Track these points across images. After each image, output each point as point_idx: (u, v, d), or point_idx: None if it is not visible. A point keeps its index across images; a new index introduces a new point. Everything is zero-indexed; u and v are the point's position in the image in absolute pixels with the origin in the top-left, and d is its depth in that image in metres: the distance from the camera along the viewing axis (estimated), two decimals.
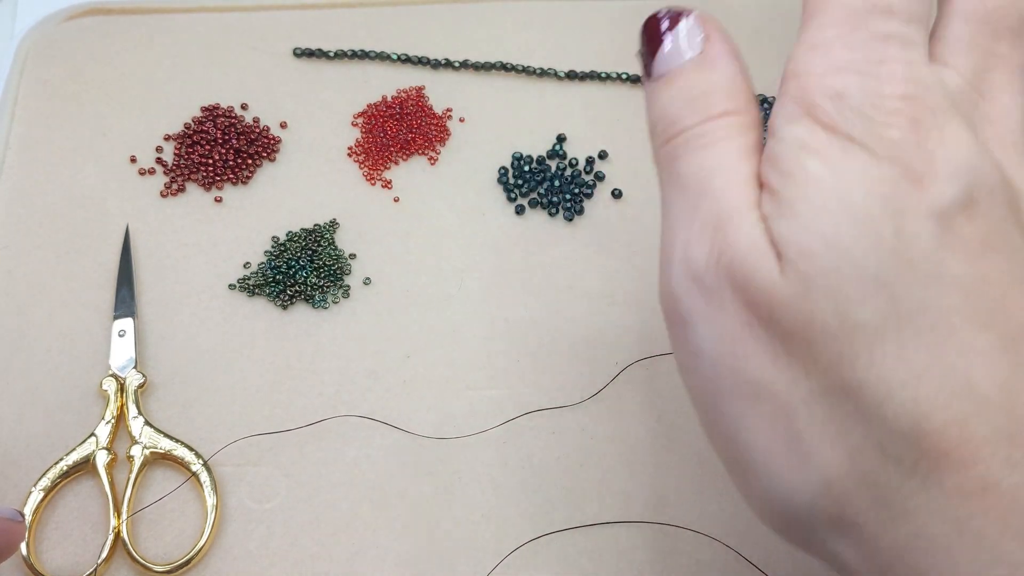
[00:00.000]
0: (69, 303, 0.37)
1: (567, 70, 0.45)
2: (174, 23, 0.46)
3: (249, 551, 0.32)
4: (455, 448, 0.34)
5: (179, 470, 0.33)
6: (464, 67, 0.45)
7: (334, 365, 0.36)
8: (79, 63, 0.44)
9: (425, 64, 0.45)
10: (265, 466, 0.34)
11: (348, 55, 0.45)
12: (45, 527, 0.32)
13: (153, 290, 0.38)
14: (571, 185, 0.42)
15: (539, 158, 0.43)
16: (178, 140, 0.42)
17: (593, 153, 0.43)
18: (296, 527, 0.33)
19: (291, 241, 0.39)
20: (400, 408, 0.35)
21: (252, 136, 0.42)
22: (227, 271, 0.39)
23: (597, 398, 0.36)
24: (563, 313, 0.38)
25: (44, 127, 0.42)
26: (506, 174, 0.42)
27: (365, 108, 0.44)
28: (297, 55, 0.45)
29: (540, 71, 0.45)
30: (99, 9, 0.46)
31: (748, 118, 0.24)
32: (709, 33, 0.26)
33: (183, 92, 0.44)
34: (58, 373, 0.35)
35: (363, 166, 0.42)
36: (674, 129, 0.25)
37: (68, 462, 0.33)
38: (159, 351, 0.36)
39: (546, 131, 0.44)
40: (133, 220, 0.40)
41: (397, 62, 0.45)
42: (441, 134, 0.43)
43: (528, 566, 0.32)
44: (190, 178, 0.41)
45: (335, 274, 0.38)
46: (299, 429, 0.34)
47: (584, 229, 0.41)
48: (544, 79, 0.45)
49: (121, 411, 0.34)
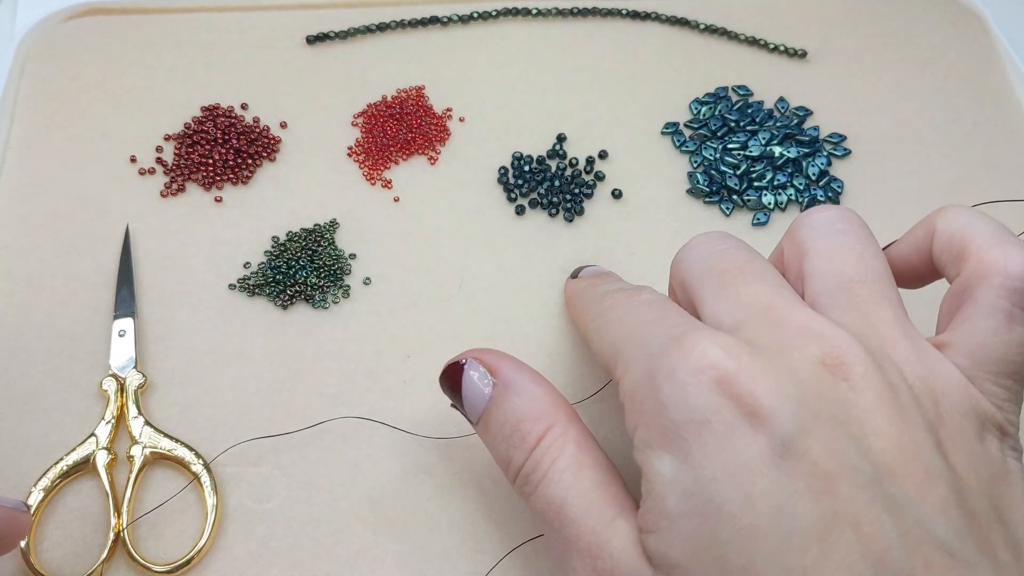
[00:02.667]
0: (69, 303, 0.37)
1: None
2: (174, 23, 0.46)
3: (249, 551, 0.32)
4: (455, 448, 0.34)
5: (179, 470, 0.33)
6: (472, 19, 0.46)
7: (334, 365, 0.36)
8: (79, 63, 0.44)
9: (435, 23, 0.46)
10: (265, 466, 0.34)
11: (361, 31, 0.46)
12: (45, 527, 0.32)
13: (153, 290, 0.38)
14: (571, 185, 0.42)
15: (539, 158, 0.43)
16: (178, 140, 0.42)
17: (593, 153, 0.43)
18: (296, 527, 0.33)
19: (291, 241, 0.39)
20: (400, 408, 0.35)
21: (252, 136, 0.42)
22: (227, 271, 0.39)
23: (597, 398, 0.36)
24: (563, 313, 0.38)
25: (44, 127, 0.42)
26: (506, 174, 0.42)
27: (365, 108, 0.44)
28: (310, 42, 0.45)
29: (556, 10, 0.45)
30: (99, 9, 0.46)
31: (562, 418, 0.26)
32: (491, 365, 0.27)
33: (183, 92, 0.44)
34: (58, 373, 0.35)
35: (363, 166, 0.42)
36: (512, 471, 0.27)
37: (68, 462, 0.33)
38: (159, 351, 0.36)
39: (546, 131, 0.44)
40: (133, 220, 0.40)
41: (409, 27, 0.46)
42: (441, 134, 0.43)
43: (528, 566, 0.32)
44: (190, 178, 0.41)
45: (335, 274, 0.38)
46: (300, 430, 0.34)
47: (584, 229, 0.41)
48: (545, 75, 0.45)
49: (121, 411, 0.34)
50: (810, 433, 0.21)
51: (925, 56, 0.48)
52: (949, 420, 0.23)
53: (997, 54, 0.48)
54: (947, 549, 0.20)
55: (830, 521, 0.20)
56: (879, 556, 0.20)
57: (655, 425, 0.23)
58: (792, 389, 0.22)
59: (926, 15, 0.50)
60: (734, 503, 0.21)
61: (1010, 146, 0.45)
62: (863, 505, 0.20)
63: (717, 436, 0.21)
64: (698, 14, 0.48)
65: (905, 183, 0.43)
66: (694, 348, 0.22)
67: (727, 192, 0.42)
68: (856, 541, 0.20)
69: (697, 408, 0.22)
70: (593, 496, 0.25)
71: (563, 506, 0.25)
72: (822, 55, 0.48)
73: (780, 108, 0.45)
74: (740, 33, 0.48)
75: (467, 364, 0.28)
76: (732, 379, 0.22)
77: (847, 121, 0.45)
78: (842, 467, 0.21)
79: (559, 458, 0.25)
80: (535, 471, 0.26)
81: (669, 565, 0.22)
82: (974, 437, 0.23)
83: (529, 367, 0.28)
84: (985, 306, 0.25)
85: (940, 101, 0.46)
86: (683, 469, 0.22)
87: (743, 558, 0.20)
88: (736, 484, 0.21)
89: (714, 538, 0.21)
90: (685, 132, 0.44)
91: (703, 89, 0.46)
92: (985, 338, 0.24)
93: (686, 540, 0.21)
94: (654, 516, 0.22)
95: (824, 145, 0.44)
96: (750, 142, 0.43)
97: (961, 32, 0.49)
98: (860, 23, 0.49)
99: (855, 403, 0.22)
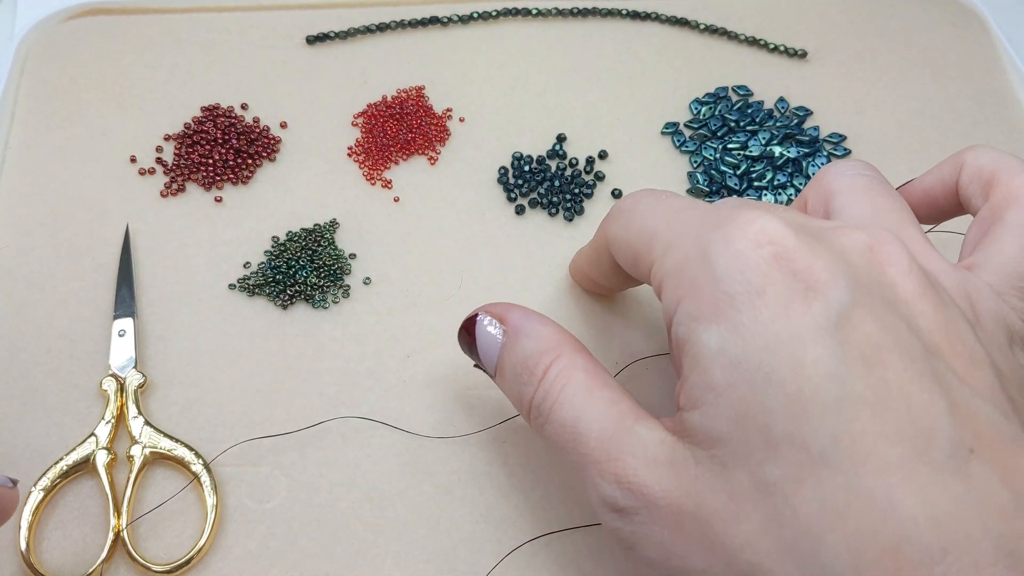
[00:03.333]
0: (69, 303, 0.37)
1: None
2: (174, 23, 0.46)
3: (249, 551, 0.32)
4: (455, 448, 0.34)
5: (179, 470, 0.33)
6: (472, 19, 0.46)
7: (334, 365, 0.36)
8: (79, 63, 0.45)
9: (435, 23, 0.46)
10: (265, 466, 0.34)
11: (361, 31, 0.46)
12: (45, 527, 0.32)
13: (153, 290, 0.38)
14: (571, 185, 0.42)
15: (539, 158, 0.43)
16: (178, 140, 0.42)
17: (593, 153, 0.43)
18: (296, 527, 0.33)
19: (291, 241, 0.39)
20: (400, 408, 0.35)
21: (252, 136, 0.42)
22: (227, 271, 0.39)
23: None
24: (563, 313, 0.38)
25: (44, 127, 0.42)
26: (506, 174, 0.42)
27: (365, 108, 0.44)
28: (309, 42, 0.45)
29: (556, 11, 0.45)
30: (99, 9, 0.46)
31: (568, 349, 0.27)
32: (500, 314, 0.29)
33: (183, 92, 0.44)
34: (58, 373, 0.35)
35: (363, 166, 0.42)
36: (524, 406, 0.27)
37: (68, 462, 0.33)
38: (159, 351, 0.36)
39: (546, 131, 0.44)
40: (133, 220, 0.40)
41: (408, 27, 0.46)
42: (441, 134, 0.43)
43: (528, 566, 0.32)
44: (190, 178, 0.41)
45: (335, 274, 0.38)
46: (301, 430, 0.34)
47: (584, 229, 0.41)
48: (547, 73, 0.45)
49: (121, 411, 0.34)
50: (863, 306, 0.21)
51: (925, 56, 0.48)
52: (985, 322, 0.23)
53: (997, 54, 0.48)
54: (996, 425, 0.20)
55: (881, 390, 0.20)
56: (929, 426, 0.20)
57: (706, 297, 0.22)
58: (846, 266, 0.22)
59: (926, 15, 0.50)
60: (784, 370, 0.21)
61: (1010, 146, 0.45)
62: (914, 376, 0.20)
63: (771, 306, 0.21)
64: (698, 14, 0.48)
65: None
66: (753, 223, 0.22)
67: (727, 192, 0.42)
68: (907, 410, 0.20)
69: (754, 278, 0.22)
70: (608, 411, 0.25)
71: (577, 424, 0.25)
72: (822, 55, 0.48)
73: (780, 108, 0.45)
74: (740, 33, 0.48)
75: (479, 317, 0.29)
76: (790, 253, 0.22)
77: (847, 121, 0.45)
78: (894, 340, 0.21)
79: (568, 384, 0.26)
80: (545, 400, 0.26)
81: (711, 440, 0.22)
82: (1005, 344, 0.23)
83: (536, 312, 0.29)
84: (1014, 226, 0.26)
85: (940, 101, 0.46)
86: (732, 340, 0.22)
87: (790, 426, 0.20)
88: (787, 352, 0.21)
89: (761, 407, 0.21)
90: (685, 132, 0.44)
91: (703, 89, 0.46)
92: (1014, 254, 0.25)
93: (731, 411, 0.21)
94: (698, 391, 0.22)
95: (824, 145, 0.44)
96: (750, 142, 0.43)
97: (961, 32, 0.49)
98: (860, 23, 0.49)
99: (902, 288, 0.22)
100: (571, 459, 0.25)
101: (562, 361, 0.26)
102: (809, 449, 0.20)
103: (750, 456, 0.21)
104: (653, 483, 0.23)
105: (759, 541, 0.21)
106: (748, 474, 0.21)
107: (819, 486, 0.20)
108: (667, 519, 0.23)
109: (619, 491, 0.23)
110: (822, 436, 0.20)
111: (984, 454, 0.20)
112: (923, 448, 0.20)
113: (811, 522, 0.20)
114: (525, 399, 0.27)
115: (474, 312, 0.29)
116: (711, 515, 0.22)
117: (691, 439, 0.22)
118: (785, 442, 0.20)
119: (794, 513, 0.20)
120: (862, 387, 0.20)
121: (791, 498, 0.20)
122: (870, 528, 0.19)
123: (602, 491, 0.24)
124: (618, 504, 0.24)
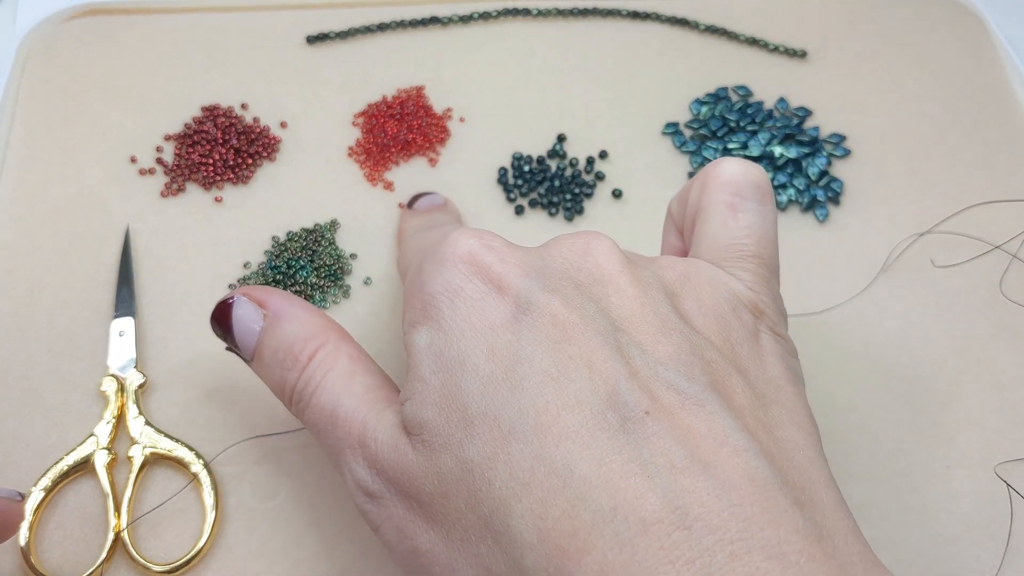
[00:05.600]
0: (69, 303, 0.37)
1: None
2: (174, 23, 0.46)
3: (250, 550, 0.32)
4: None
5: (179, 470, 0.33)
6: (472, 20, 0.46)
7: None
8: (79, 63, 0.44)
9: (435, 23, 0.46)
10: (266, 465, 0.34)
11: (361, 31, 0.46)
12: (45, 527, 0.32)
13: (153, 290, 0.38)
14: (571, 185, 0.42)
15: (539, 158, 0.43)
16: (178, 140, 0.42)
17: (593, 153, 0.43)
18: (297, 527, 0.33)
19: (291, 241, 0.39)
20: None
21: (252, 136, 0.42)
22: (227, 271, 0.39)
23: None
24: None
25: (44, 127, 0.42)
26: (506, 174, 0.42)
27: (365, 108, 0.44)
28: (309, 42, 0.45)
29: (548, 12, 0.45)
30: (99, 9, 0.46)
31: (333, 337, 0.28)
32: (260, 298, 0.29)
33: (183, 92, 0.44)
34: (58, 373, 0.35)
35: (363, 166, 0.42)
36: (287, 392, 0.28)
37: (68, 462, 0.33)
38: (159, 351, 0.36)
39: (546, 131, 0.44)
40: (133, 220, 0.40)
41: (408, 27, 0.46)
42: (441, 134, 0.43)
43: None
44: (190, 178, 0.41)
45: (335, 274, 0.38)
46: (301, 429, 0.34)
47: (584, 229, 0.41)
48: (546, 74, 0.45)
49: (121, 411, 0.34)
50: (552, 293, 0.23)
51: (925, 56, 0.48)
52: (695, 290, 0.25)
53: (997, 54, 0.48)
54: (676, 388, 0.22)
55: (565, 364, 0.22)
56: (608, 391, 0.21)
57: (416, 303, 0.25)
58: (540, 263, 0.24)
59: (926, 15, 0.50)
60: (479, 356, 0.23)
61: (1010, 146, 0.45)
62: (595, 348, 0.22)
63: (467, 302, 0.24)
64: (698, 14, 0.48)
65: (905, 183, 0.43)
66: (457, 240, 0.25)
67: None
68: (588, 379, 0.22)
69: (453, 280, 0.24)
70: (364, 396, 0.26)
71: (335, 409, 0.26)
72: (822, 55, 0.48)
73: (780, 108, 0.45)
74: (740, 33, 0.48)
75: (235, 301, 0.29)
76: (486, 263, 0.24)
77: (847, 121, 0.45)
78: (579, 319, 0.23)
79: (330, 371, 0.27)
80: (307, 386, 0.27)
81: (420, 425, 0.23)
82: (728, 310, 0.25)
83: (298, 298, 0.29)
84: (710, 206, 0.28)
85: (940, 101, 0.46)
86: (436, 335, 0.24)
87: (483, 404, 0.22)
88: (482, 339, 0.23)
89: (459, 391, 0.23)
90: (685, 132, 0.44)
91: (703, 89, 0.46)
92: (716, 230, 0.27)
93: (435, 397, 0.23)
94: (411, 384, 0.24)
95: (824, 145, 0.44)
96: (750, 142, 0.43)
97: (961, 32, 0.49)
98: (860, 23, 0.49)
99: (600, 272, 0.25)
100: (328, 443, 0.26)
101: (327, 348, 0.27)
102: (500, 425, 0.22)
103: (451, 437, 0.22)
104: (390, 467, 0.24)
105: (465, 518, 0.22)
106: (452, 455, 0.22)
107: (509, 459, 0.21)
108: (400, 502, 0.24)
109: (369, 474, 0.25)
110: (511, 411, 0.22)
111: (659, 415, 0.21)
112: (600, 414, 0.21)
113: (502, 494, 0.21)
114: (288, 384, 0.27)
115: (229, 295, 0.29)
116: (428, 498, 0.23)
117: (407, 428, 0.24)
118: (480, 421, 0.22)
119: (489, 487, 0.21)
120: (548, 363, 0.22)
121: (486, 473, 0.21)
122: (551, 494, 0.20)
123: (356, 475, 0.25)
124: (369, 488, 0.25)
